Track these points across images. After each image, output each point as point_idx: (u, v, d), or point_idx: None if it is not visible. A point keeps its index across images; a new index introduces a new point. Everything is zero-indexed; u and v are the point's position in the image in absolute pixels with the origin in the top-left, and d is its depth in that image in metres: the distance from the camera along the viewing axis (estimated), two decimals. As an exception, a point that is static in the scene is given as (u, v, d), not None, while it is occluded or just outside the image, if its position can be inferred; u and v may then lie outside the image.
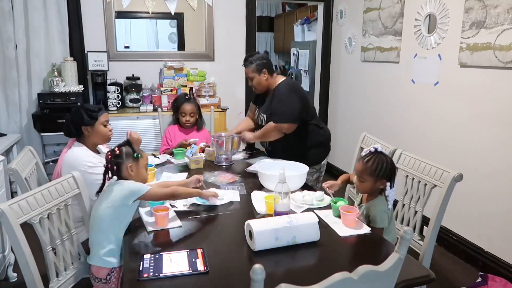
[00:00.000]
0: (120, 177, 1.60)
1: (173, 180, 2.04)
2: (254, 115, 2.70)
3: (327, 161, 2.61)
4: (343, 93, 4.27)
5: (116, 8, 3.76)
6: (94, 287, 1.58)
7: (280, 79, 2.52)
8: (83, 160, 1.93)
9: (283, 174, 1.60)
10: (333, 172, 4.25)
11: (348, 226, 1.58)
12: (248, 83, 2.60)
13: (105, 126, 2.09)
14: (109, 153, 1.60)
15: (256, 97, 2.72)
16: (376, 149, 1.70)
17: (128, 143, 1.64)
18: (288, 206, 1.62)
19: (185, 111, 2.78)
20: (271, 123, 2.41)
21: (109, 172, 1.60)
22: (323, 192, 1.88)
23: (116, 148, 1.61)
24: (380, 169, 1.65)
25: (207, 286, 1.22)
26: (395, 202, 2.07)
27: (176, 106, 2.83)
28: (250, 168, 2.33)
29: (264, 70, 2.46)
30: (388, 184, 1.67)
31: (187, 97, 2.87)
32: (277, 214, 1.60)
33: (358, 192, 1.90)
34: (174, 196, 1.69)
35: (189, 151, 2.42)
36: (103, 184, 1.61)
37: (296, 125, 2.39)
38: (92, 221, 1.57)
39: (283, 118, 2.37)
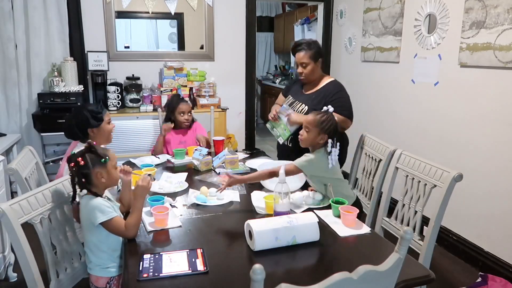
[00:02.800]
0: (87, 189, 1.49)
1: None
2: (286, 101, 2.60)
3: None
4: (343, 93, 4.26)
5: (116, 8, 3.76)
6: None
7: (330, 77, 2.50)
8: None
9: (283, 174, 1.60)
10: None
11: (348, 226, 1.58)
12: (297, 69, 2.46)
13: (108, 123, 2.10)
14: (72, 164, 1.46)
15: (288, 89, 2.66)
16: (328, 109, 1.86)
17: (90, 148, 1.50)
18: (288, 206, 1.62)
19: (184, 109, 2.77)
20: (341, 117, 2.29)
21: (77, 185, 1.49)
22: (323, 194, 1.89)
23: (79, 158, 1.46)
24: (325, 124, 1.80)
25: (207, 286, 1.22)
26: (395, 202, 2.08)
27: (172, 107, 2.79)
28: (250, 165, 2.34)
29: (321, 60, 2.42)
30: (330, 141, 1.79)
31: (181, 97, 2.88)
32: (277, 214, 1.60)
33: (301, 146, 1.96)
34: (128, 231, 1.46)
35: (197, 153, 2.34)
36: (74, 193, 1.52)
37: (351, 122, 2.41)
38: (83, 229, 1.54)
39: (351, 116, 2.37)
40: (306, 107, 2.41)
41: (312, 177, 1.89)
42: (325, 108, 1.87)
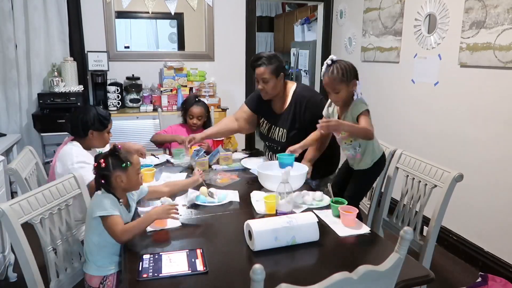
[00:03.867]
0: (107, 189, 1.52)
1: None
2: (248, 121, 2.50)
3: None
4: (343, 93, 4.26)
5: (116, 8, 3.76)
6: None
7: (292, 85, 2.33)
8: (73, 157, 1.95)
9: (286, 174, 1.60)
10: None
11: (347, 226, 1.58)
12: (258, 85, 2.28)
13: (108, 133, 2.13)
14: (95, 164, 1.51)
15: (256, 105, 2.44)
16: (332, 60, 1.80)
17: (114, 151, 1.53)
18: (291, 205, 1.63)
19: (193, 113, 2.73)
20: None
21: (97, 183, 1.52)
22: (322, 192, 1.88)
23: (102, 160, 1.50)
24: (346, 72, 1.75)
25: (207, 286, 1.22)
26: (395, 202, 2.08)
27: (185, 107, 2.79)
28: (246, 164, 2.35)
29: (282, 74, 2.25)
30: (358, 82, 1.75)
31: (196, 99, 2.80)
32: (280, 213, 1.61)
33: (336, 108, 1.94)
34: (124, 234, 1.44)
35: (195, 153, 2.34)
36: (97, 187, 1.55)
37: None
38: (85, 226, 1.57)
39: None
40: (285, 130, 2.31)
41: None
42: (328, 61, 1.82)
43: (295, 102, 2.28)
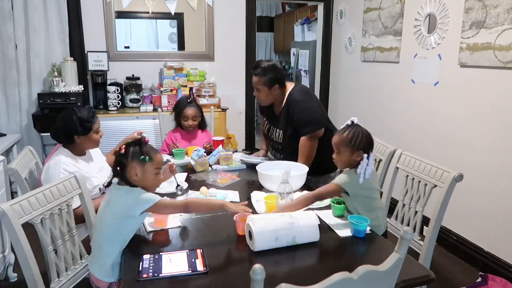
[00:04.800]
0: (124, 180, 1.46)
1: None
2: (264, 128, 2.55)
3: None
4: (343, 93, 4.27)
5: (116, 8, 3.76)
6: None
7: (290, 86, 2.36)
8: (59, 172, 1.86)
9: (286, 174, 1.60)
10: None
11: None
12: (253, 92, 2.40)
13: (97, 132, 2.02)
14: (117, 148, 1.47)
15: (261, 108, 2.56)
16: (352, 122, 1.69)
17: (139, 142, 1.47)
18: None
19: (188, 115, 2.70)
20: (303, 139, 2.23)
21: (112, 171, 1.48)
22: None
23: (123, 146, 1.46)
24: (355, 140, 1.63)
25: (207, 286, 1.22)
26: (395, 202, 2.08)
27: (178, 110, 2.75)
28: (247, 159, 2.38)
29: (276, 86, 2.29)
30: (366, 156, 1.61)
31: (189, 100, 2.79)
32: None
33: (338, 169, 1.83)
34: (187, 209, 1.52)
35: (195, 153, 2.35)
36: (111, 180, 1.51)
37: (323, 128, 2.27)
38: (96, 227, 1.51)
39: (313, 127, 2.24)
40: (281, 131, 2.36)
41: (354, 197, 1.67)
42: (348, 122, 1.70)
43: (288, 104, 2.31)
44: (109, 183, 1.52)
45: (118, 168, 1.44)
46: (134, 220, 1.44)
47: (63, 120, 1.94)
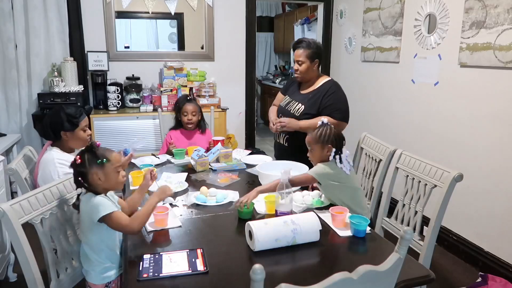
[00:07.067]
0: (89, 188, 1.47)
1: (133, 197, 1.72)
2: (283, 103, 2.61)
3: None
4: (343, 93, 4.26)
5: (116, 8, 3.76)
6: None
7: (327, 77, 2.51)
8: (57, 168, 1.89)
9: (285, 173, 1.60)
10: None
11: (338, 227, 1.57)
12: (294, 66, 2.49)
13: (84, 131, 2.04)
14: (72, 162, 1.47)
15: (286, 88, 2.67)
16: (323, 122, 1.88)
17: (90, 148, 1.48)
18: (290, 205, 1.63)
19: (187, 110, 2.76)
20: (334, 120, 2.33)
21: (75, 183, 1.48)
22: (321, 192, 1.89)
23: (77, 156, 1.46)
24: (324, 136, 1.81)
25: (207, 286, 1.22)
26: (395, 202, 2.08)
27: (178, 107, 2.81)
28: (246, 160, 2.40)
29: (317, 60, 2.44)
30: (334, 150, 1.78)
31: (188, 97, 2.86)
32: (279, 214, 1.61)
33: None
34: (133, 224, 1.44)
35: (196, 153, 2.35)
36: (78, 195, 1.51)
37: (346, 125, 2.43)
38: (80, 235, 1.52)
39: (343, 116, 2.39)
40: (303, 106, 2.43)
41: (326, 187, 1.81)
42: (319, 123, 1.89)
43: (323, 88, 2.43)
44: (77, 198, 1.52)
45: (79, 178, 1.45)
46: (100, 226, 1.43)
47: (51, 117, 1.98)
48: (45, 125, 1.97)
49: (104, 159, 1.46)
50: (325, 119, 1.90)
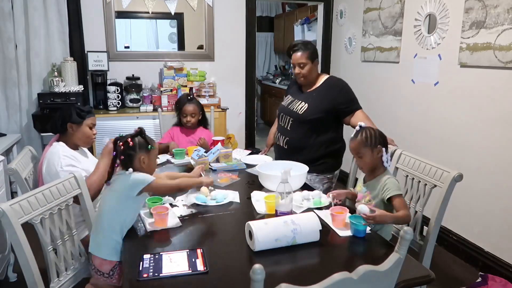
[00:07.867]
0: (131, 168, 1.55)
1: (177, 172, 1.98)
2: (285, 103, 2.59)
3: (339, 170, 2.56)
4: (343, 93, 4.26)
5: (116, 8, 3.76)
6: (94, 279, 1.57)
7: (326, 74, 2.51)
8: (60, 160, 1.92)
9: (285, 173, 1.60)
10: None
11: (337, 227, 1.57)
12: (294, 70, 2.44)
13: (90, 128, 2.08)
14: (121, 143, 1.55)
15: (289, 88, 2.66)
16: (361, 126, 1.78)
17: (140, 133, 1.59)
18: (290, 205, 1.63)
19: (186, 112, 2.79)
20: (360, 112, 2.39)
21: (119, 161, 1.56)
22: (321, 191, 1.88)
23: (129, 139, 1.55)
24: (371, 138, 1.73)
25: (207, 286, 1.22)
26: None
27: (179, 107, 2.84)
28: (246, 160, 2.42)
29: (317, 60, 2.43)
30: (384, 149, 1.72)
31: (189, 97, 2.87)
32: (280, 214, 1.61)
33: (364, 181, 1.85)
34: (180, 189, 1.73)
35: (196, 153, 2.35)
36: (111, 172, 1.59)
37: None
38: (99, 211, 1.58)
39: (359, 106, 2.41)
40: (306, 104, 2.40)
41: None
42: (357, 128, 1.79)
43: (328, 85, 2.42)
44: (109, 177, 1.61)
45: (126, 160, 1.54)
46: (133, 202, 1.53)
47: (62, 110, 2.06)
48: (55, 118, 2.05)
49: (153, 146, 1.59)
50: (361, 123, 1.80)
